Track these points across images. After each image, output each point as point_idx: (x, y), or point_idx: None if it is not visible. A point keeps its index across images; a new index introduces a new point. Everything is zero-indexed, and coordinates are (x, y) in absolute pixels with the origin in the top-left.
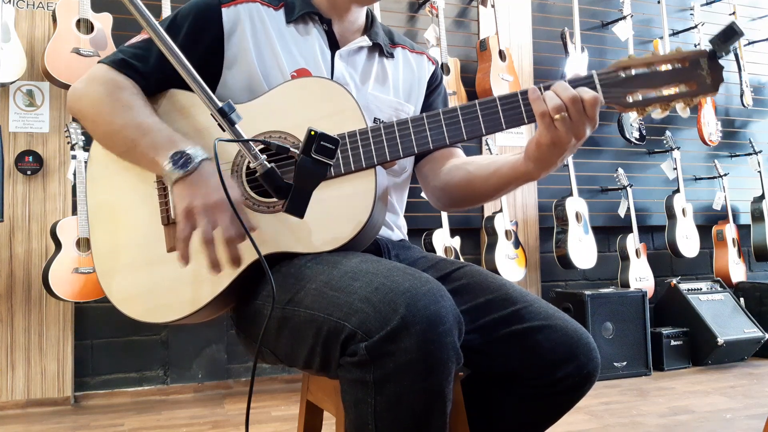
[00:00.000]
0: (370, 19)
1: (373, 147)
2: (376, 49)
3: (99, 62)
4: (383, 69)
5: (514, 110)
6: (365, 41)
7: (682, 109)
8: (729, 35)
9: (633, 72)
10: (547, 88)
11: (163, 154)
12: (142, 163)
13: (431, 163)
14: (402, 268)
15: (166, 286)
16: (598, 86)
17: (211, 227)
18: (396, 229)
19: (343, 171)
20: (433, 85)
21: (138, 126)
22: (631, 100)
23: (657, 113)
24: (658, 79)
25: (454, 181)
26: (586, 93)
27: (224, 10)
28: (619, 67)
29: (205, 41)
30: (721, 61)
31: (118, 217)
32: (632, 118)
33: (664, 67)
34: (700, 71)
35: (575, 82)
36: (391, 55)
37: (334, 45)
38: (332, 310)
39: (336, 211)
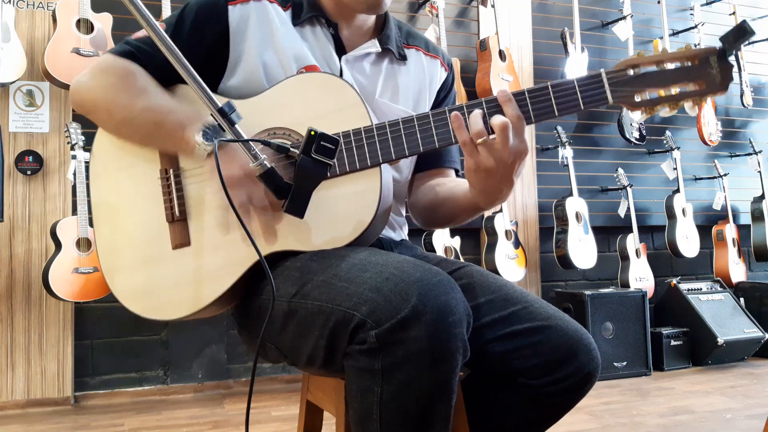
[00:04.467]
0: (383, 19)
1: (378, 145)
2: (387, 53)
3: (105, 53)
4: (393, 76)
5: (528, 106)
6: (374, 46)
7: (690, 108)
8: (740, 34)
9: (642, 70)
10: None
11: (193, 129)
12: (167, 144)
13: (418, 179)
14: (411, 261)
15: (169, 284)
16: (607, 85)
17: (247, 198)
18: (398, 228)
19: (348, 169)
20: (443, 93)
21: (160, 107)
22: (639, 100)
23: (665, 112)
24: (667, 77)
25: (422, 201)
26: (495, 119)
27: (231, 8)
28: (628, 65)
29: (209, 38)
30: (730, 59)
31: (122, 214)
32: (634, 119)
33: (673, 65)
34: (710, 70)
35: (582, 81)
36: (404, 59)
37: (341, 49)
38: (341, 300)
39: (339, 211)
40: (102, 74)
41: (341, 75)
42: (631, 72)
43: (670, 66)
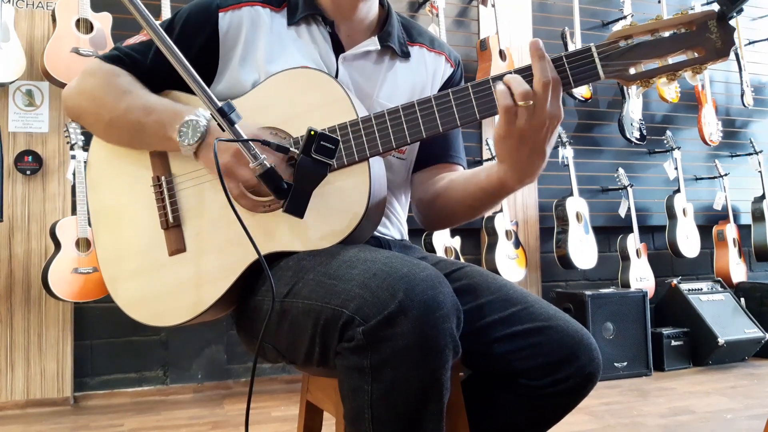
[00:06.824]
0: (385, 16)
1: (365, 139)
2: (388, 51)
3: (94, 58)
4: (394, 74)
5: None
6: (373, 44)
7: (690, 78)
8: None
9: (635, 41)
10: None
11: (172, 129)
12: (153, 143)
13: (425, 173)
14: (400, 257)
15: (169, 290)
16: (598, 60)
17: (240, 187)
18: (399, 227)
19: (336, 165)
20: (449, 88)
21: (142, 106)
22: (633, 72)
23: (663, 83)
24: (663, 46)
25: (434, 192)
26: (538, 77)
27: (221, 15)
28: (619, 37)
29: (197, 43)
30: (731, 23)
31: (120, 222)
32: (634, 118)
33: (668, 33)
34: (709, 35)
35: (572, 57)
36: (407, 56)
37: (339, 48)
38: (330, 297)
39: (332, 206)
40: (87, 78)
41: (337, 75)
42: (623, 43)
43: (665, 34)
